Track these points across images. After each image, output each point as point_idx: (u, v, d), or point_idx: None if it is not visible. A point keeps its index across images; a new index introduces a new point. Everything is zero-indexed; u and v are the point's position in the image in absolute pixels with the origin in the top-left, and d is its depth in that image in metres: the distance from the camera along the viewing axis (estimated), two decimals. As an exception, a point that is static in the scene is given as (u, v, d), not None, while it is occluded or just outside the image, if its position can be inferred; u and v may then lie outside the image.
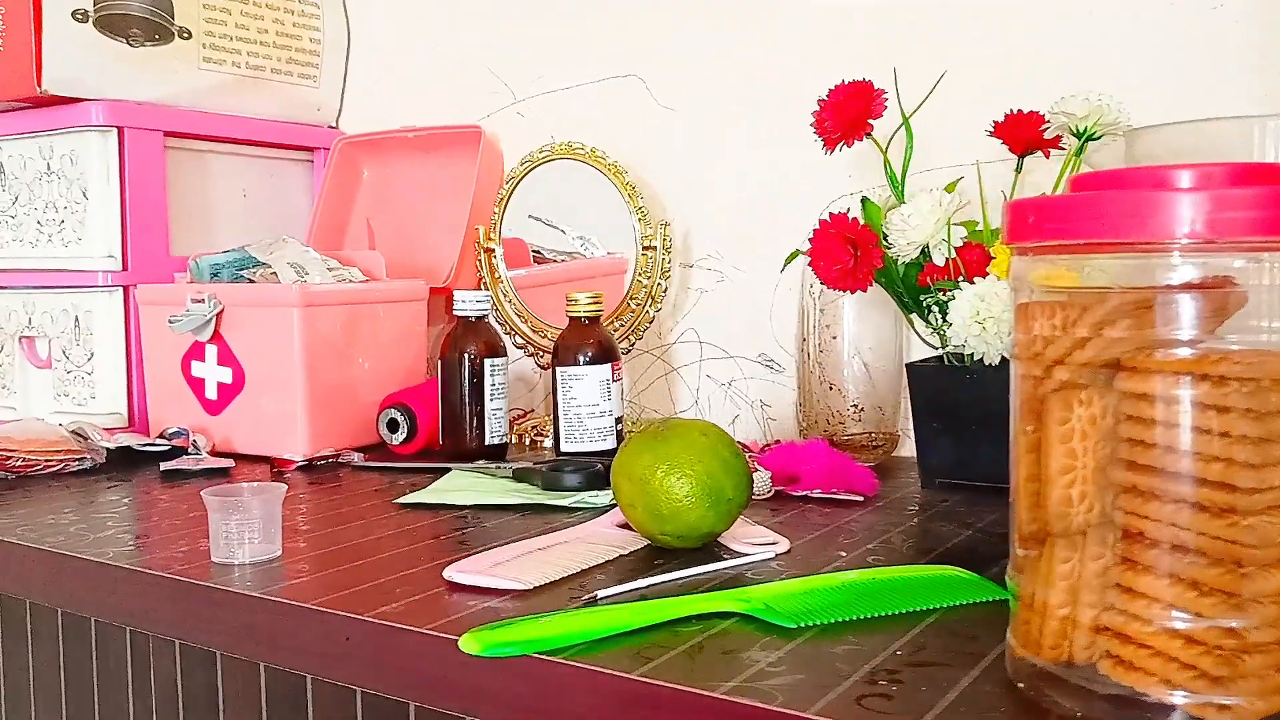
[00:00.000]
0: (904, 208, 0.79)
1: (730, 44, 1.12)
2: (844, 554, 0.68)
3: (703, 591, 0.59)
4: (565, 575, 0.63)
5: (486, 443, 1.00)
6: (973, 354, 0.78)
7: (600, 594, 0.59)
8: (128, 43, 1.14)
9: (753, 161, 1.11)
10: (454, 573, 0.62)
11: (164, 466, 0.95)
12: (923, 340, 0.91)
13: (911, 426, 0.99)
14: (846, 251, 0.81)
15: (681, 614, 0.55)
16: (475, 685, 0.52)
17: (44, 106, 1.14)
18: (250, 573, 0.66)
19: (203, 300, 1.02)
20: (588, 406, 0.97)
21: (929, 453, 0.86)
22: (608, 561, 0.66)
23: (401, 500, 0.84)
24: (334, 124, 1.39)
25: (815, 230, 0.84)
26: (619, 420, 0.98)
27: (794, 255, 0.93)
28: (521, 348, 1.17)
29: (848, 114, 0.83)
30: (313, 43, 1.34)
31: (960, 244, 0.79)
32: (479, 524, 0.77)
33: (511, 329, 1.16)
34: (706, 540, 0.68)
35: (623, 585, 0.60)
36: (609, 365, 0.98)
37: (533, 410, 1.23)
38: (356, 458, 1.00)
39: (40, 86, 1.08)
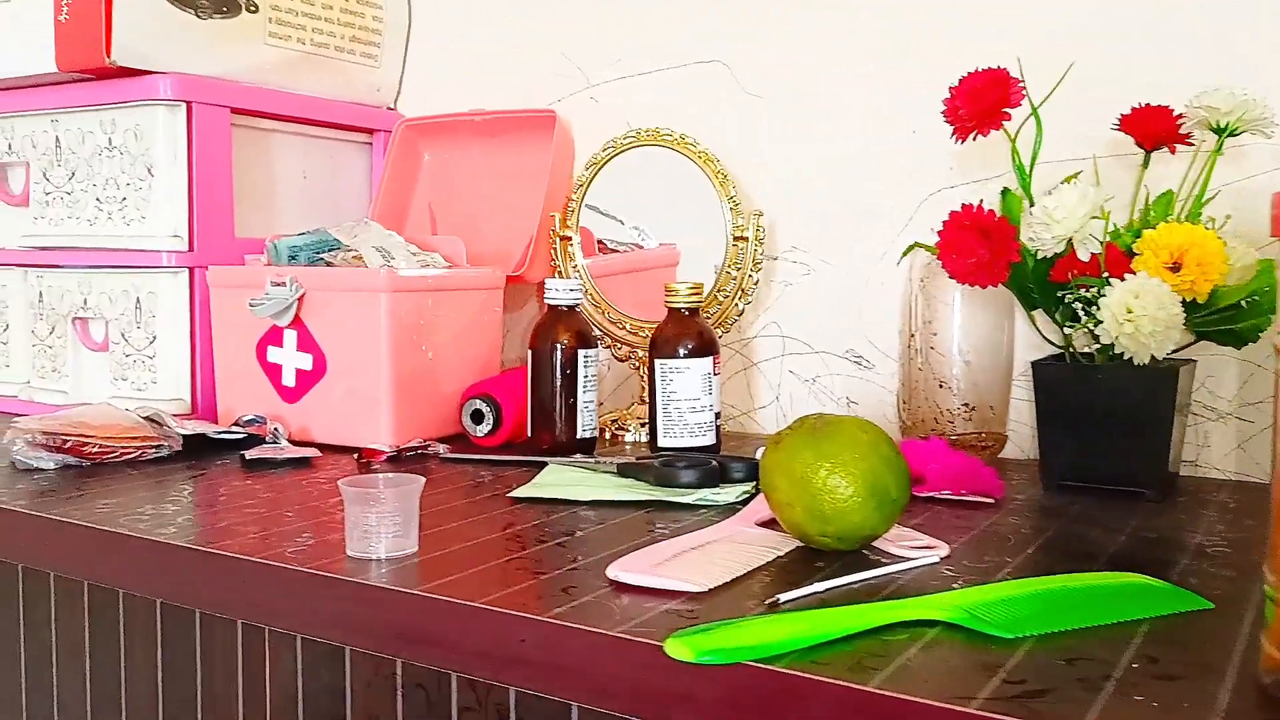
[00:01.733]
0: (1048, 199, 0.77)
1: (823, 28, 1.09)
2: (1009, 559, 0.65)
3: (884, 598, 0.57)
4: (733, 578, 0.60)
5: (578, 436, 0.97)
6: (1114, 352, 0.76)
7: (782, 598, 0.56)
8: (196, 14, 1.10)
9: (844, 152, 1.08)
10: (619, 572, 0.59)
11: (249, 455, 0.91)
12: (1043, 337, 0.88)
13: (1024, 426, 0.97)
14: (981, 244, 0.79)
15: (886, 621, 0.52)
16: (682, 692, 0.49)
17: (105, 79, 1.09)
18: (390, 568, 0.62)
19: (284, 283, 0.98)
20: (688, 401, 0.94)
21: (1053, 454, 0.83)
22: (768, 564, 0.63)
23: (515, 494, 0.81)
24: (392, 106, 1.35)
25: (946, 222, 0.81)
26: (718, 415, 0.95)
27: (911, 248, 0.90)
28: (599, 339, 1.13)
29: (983, 103, 0.80)
30: (375, 21, 1.30)
31: (1111, 238, 0.76)
32: (605, 521, 0.74)
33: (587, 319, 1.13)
34: (865, 543, 0.65)
35: (801, 589, 0.57)
36: (710, 359, 0.94)
37: (601, 403, 1.19)
38: (443, 449, 0.97)
39: (109, 57, 1.04)
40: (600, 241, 1.18)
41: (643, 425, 1.07)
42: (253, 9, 1.15)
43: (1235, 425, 0.92)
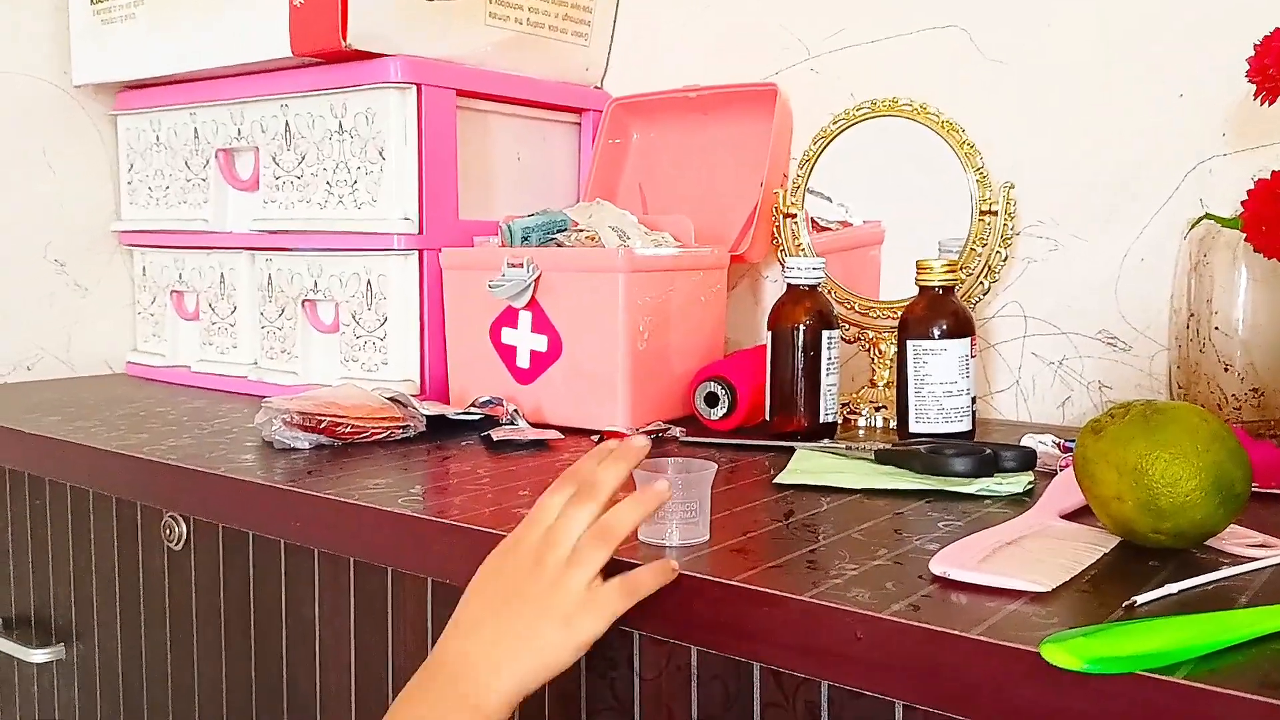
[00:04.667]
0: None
1: (1074, -10, 1.02)
2: (1366, 561, 0.59)
3: (1248, 602, 0.51)
4: (1071, 577, 0.55)
5: (821, 421, 0.94)
6: None
7: (1139, 600, 0.51)
8: (424, -4, 1.10)
9: (1097, 119, 1.01)
10: (945, 567, 0.55)
11: (495, 436, 0.91)
12: (1352, 318, 0.80)
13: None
14: (1298, 215, 0.72)
15: (1276, 629, 0.47)
16: (1061, 705, 0.45)
17: (335, 63, 1.11)
18: (686, 556, 0.60)
19: (521, 264, 0.97)
20: (943, 384, 0.89)
21: (1370, 445, 0.76)
22: (1095, 562, 0.59)
23: (780, 481, 0.78)
24: (599, 85, 1.33)
25: (1252, 192, 0.75)
26: (974, 400, 0.91)
27: (1200, 219, 0.83)
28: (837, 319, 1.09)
29: (1299, 59, 0.73)
30: (587, -2, 1.28)
31: None
32: (888, 510, 0.71)
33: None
34: (1201, 541, 0.60)
35: (1157, 591, 0.53)
36: (967, 340, 0.90)
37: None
38: (679, 432, 0.95)
39: (345, 40, 1.05)
40: (813, 220, 1.14)
41: (878, 410, 1.03)
42: (474, -11, 1.15)
43: None
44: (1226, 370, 0.85)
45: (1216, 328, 0.86)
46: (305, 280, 1.17)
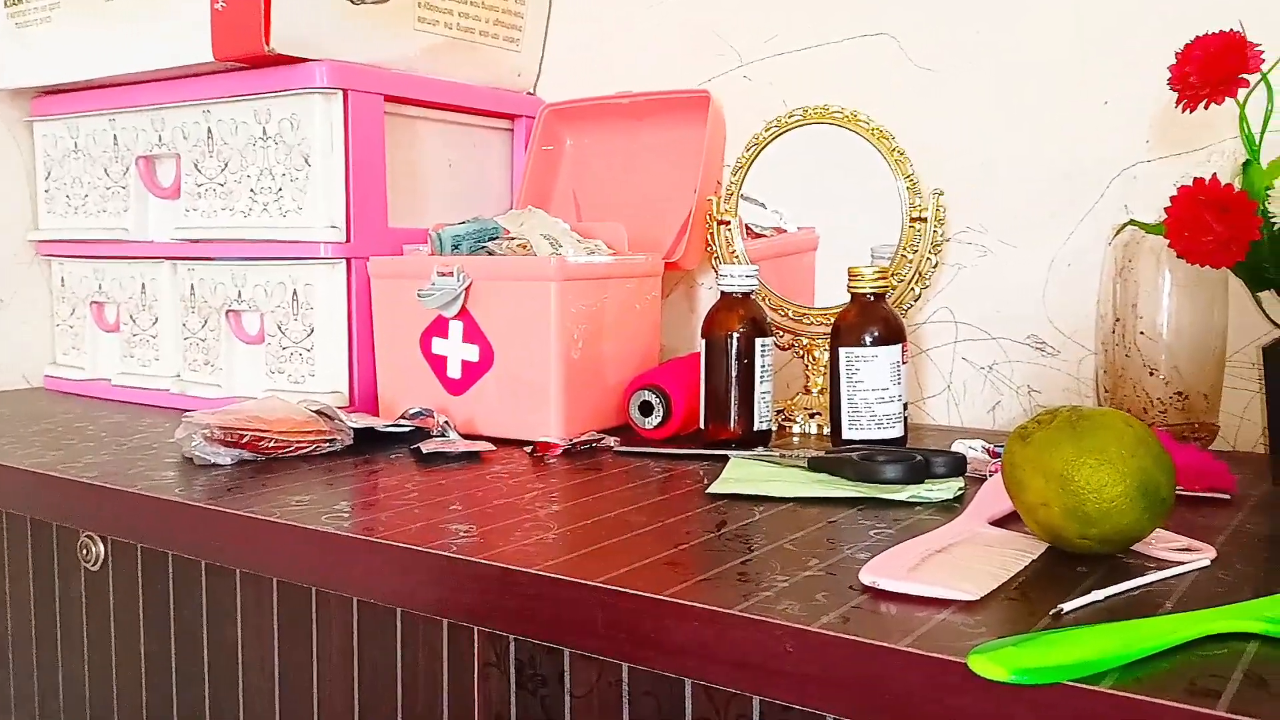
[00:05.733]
0: (1300, 171, 0.70)
1: (1000, -1, 1.03)
2: (1285, 562, 0.59)
3: (1173, 608, 0.52)
4: (999, 584, 0.55)
5: (755, 428, 0.93)
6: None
7: (1065, 607, 0.51)
8: (350, 0, 1.08)
9: (1025, 126, 1.02)
10: (874, 577, 0.55)
11: (425, 449, 0.89)
12: (1269, 320, 0.82)
13: (1233, 416, 0.91)
14: (1218, 221, 0.73)
15: (1203, 634, 0.47)
16: (990, 714, 0.45)
17: (259, 68, 1.08)
18: (620, 570, 0.59)
19: (451, 273, 0.95)
20: (876, 391, 0.89)
21: (1290, 446, 0.77)
22: (1023, 568, 0.59)
23: (713, 490, 0.77)
24: (531, 91, 1.32)
25: (1175, 198, 0.76)
26: (906, 406, 0.91)
27: (1125, 225, 0.85)
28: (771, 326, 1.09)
29: (1217, 69, 0.74)
30: (518, 3, 1.27)
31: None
32: (821, 519, 0.70)
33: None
34: (1127, 546, 0.60)
35: (1082, 599, 0.53)
36: (898, 346, 0.90)
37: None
38: (614, 442, 0.94)
39: (268, 45, 1.02)
40: (747, 226, 1.14)
41: (811, 416, 1.03)
42: (402, -7, 1.13)
43: None
44: (1151, 374, 0.87)
45: (1141, 332, 0.87)
46: (229, 290, 1.14)
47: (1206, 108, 0.76)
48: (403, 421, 0.95)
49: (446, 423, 0.95)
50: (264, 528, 0.72)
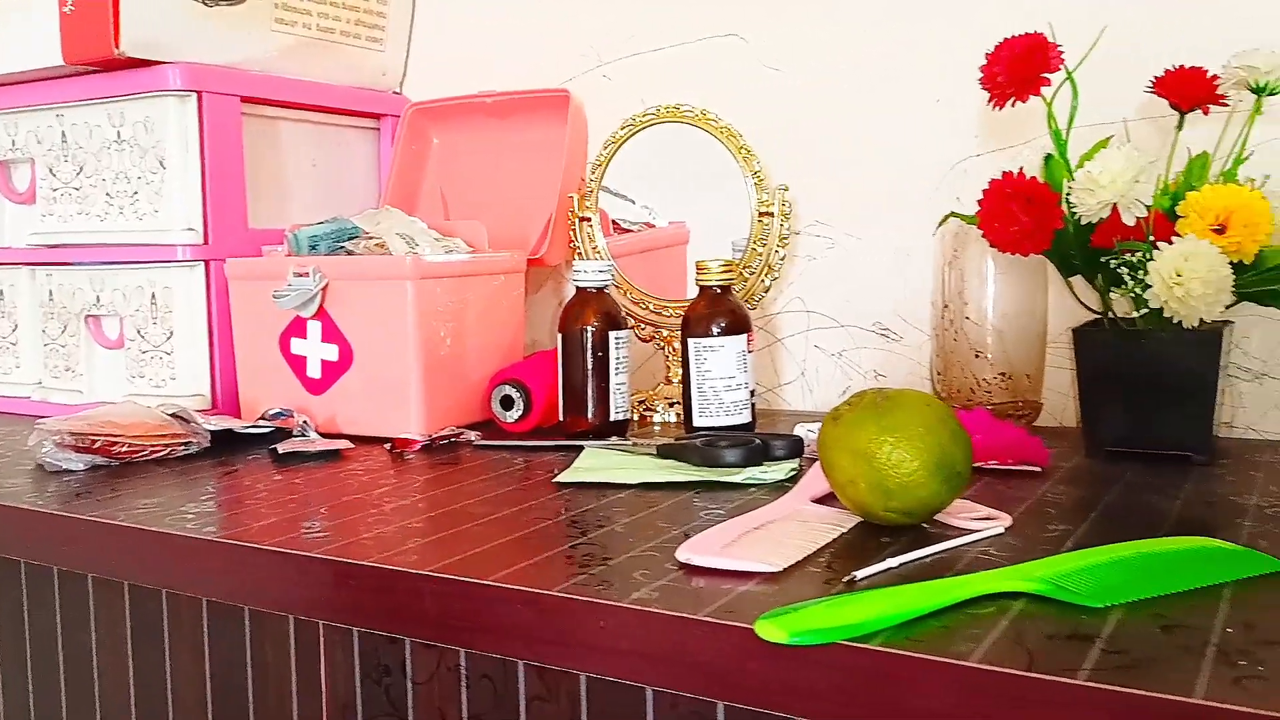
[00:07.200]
0: (1092, 164, 0.76)
1: None
2: (1072, 528, 0.64)
3: (959, 571, 0.56)
4: (805, 556, 0.59)
5: (611, 419, 0.96)
6: (1164, 316, 0.75)
7: (858, 575, 0.55)
8: (203, 2, 1.08)
9: (865, 123, 1.07)
10: (690, 554, 0.58)
11: (281, 449, 0.90)
12: (1081, 304, 0.88)
13: (1056, 393, 0.97)
14: (1024, 212, 0.78)
15: (971, 594, 0.51)
16: (775, 675, 0.48)
17: (113, 71, 1.07)
18: (452, 559, 0.61)
19: (307, 274, 0.96)
20: (723, 379, 0.93)
21: (1097, 420, 0.83)
22: (832, 541, 0.63)
23: (560, 480, 0.80)
24: (398, 90, 1.33)
25: (986, 191, 0.81)
26: (753, 393, 0.95)
27: (947, 218, 0.89)
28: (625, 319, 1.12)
29: (1022, 69, 0.79)
30: (380, 3, 1.28)
31: (1151, 202, 0.76)
32: (657, 504, 0.73)
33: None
34: (929, 517, 0.64)
35: (875, 566, 0.57)
36: (744, 336, 0.94)
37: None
38: (474, 437, 0.96)
39: (118, 48, 1.02)
40: (614, 222, 1.17)
41: (671, 405, 1.06)
42: (258, -5, 1.13)
43: (1269, 385, 0.92)
44: (977, 357, 0.92)
45: (968, 317, 0.92)
46: (88, 295, 1.13)
47: (1014, 105, 0.82)
48: (262, 422, 0.96)
49: (306, 422, 0.96)
50: (112, 532, 0.73)
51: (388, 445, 0.94)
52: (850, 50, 1.07)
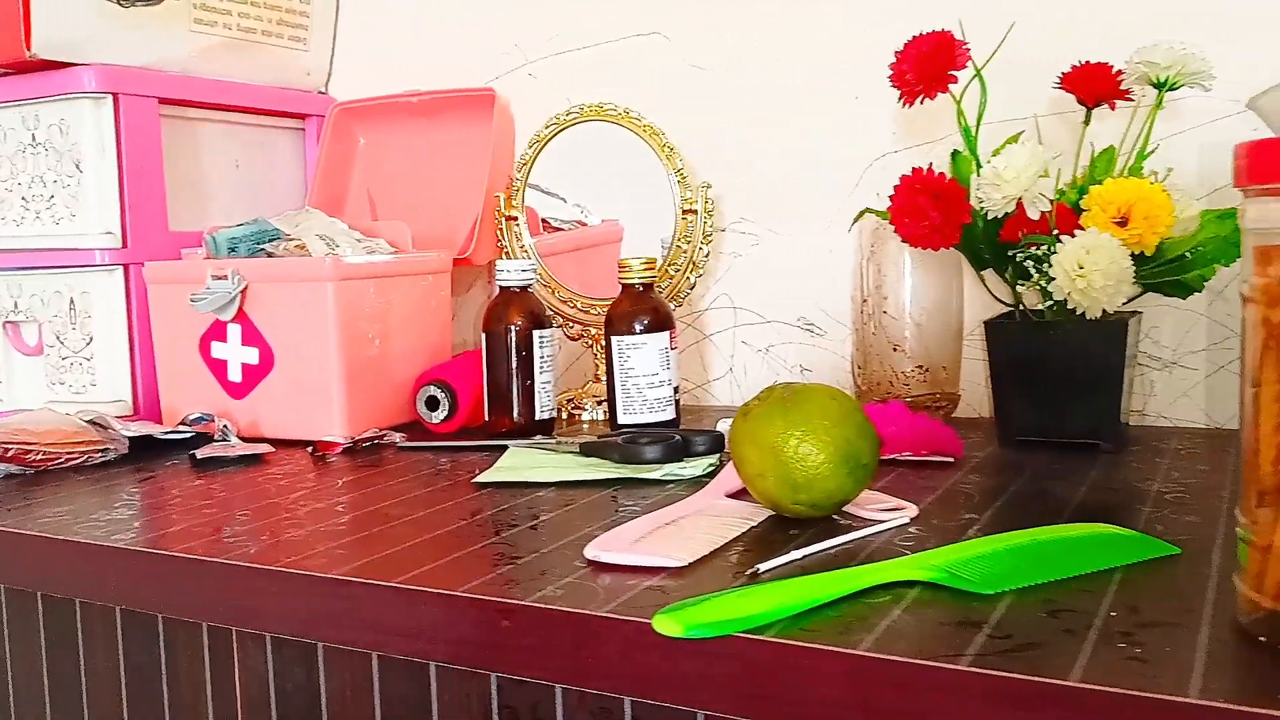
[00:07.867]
0: (997, 160, 0.77)
1: None
2: (976, 516, 0.66)
3: (861, 561, 0.57)
4: (712, 550, 0.60)
5: (537, 418, 0.96)
6: (1069, 308, 0.77)
7: (761, 567, 0.56)
8: (118, 2, 1.06)
9: (786, 121, 1.08)
10: (597, 551, 0.59)
11: (200, 454, 0.89)
12: (994, 297, 0.89)
13: (975, 385, 0.99)
14: (933, 207, 0.79)
15: (867, 584, 0.52)
16: (673, 668, 0.49)
17: (26, 73, 1.05)
18: (358, 562, 0.61)
19: (225, 276, 0.95)
20: (646, 377, 0.93)
21: (1009, 411, 0.85)
22: (743, 535, 0.63)
23: (479, 480, 0.80)
24: (323, 89, 1.32)
25: (897, 187, 0.82)
26: (677, 390, 0.95)
27: (862, 214, 0.91)
28: (552, 318, 1.12)
29: (929, 66, 0.80)
30: (302, 3, 1.27)
31: (1057, 196, 0.77)
32: (574, 501, 0.74)
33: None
34: (837, 509, 0.65)
35: (779, 558, 0.57)
36: (667, 333, 0.94)
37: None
38: (399, 438, 0.95)
39: (29, 50, 1.00)
40: (544, 220, 1.17)
41: (599, 403, 1.07)
42: (175, -5, 1.11)
43: (1179, 373, 0.95)
44: (896, 350, 0.93)
45: (886, 312, 0.94)
46: (5, 301, 1.11)
47: (923, 102, 0.83)
48: (182, 427, 0.95)
49: (227, 427, 0.95)
50: (21, 541, 0.72)
51: (310, 448, 0.93)
52: (771, 48, 1.08)
